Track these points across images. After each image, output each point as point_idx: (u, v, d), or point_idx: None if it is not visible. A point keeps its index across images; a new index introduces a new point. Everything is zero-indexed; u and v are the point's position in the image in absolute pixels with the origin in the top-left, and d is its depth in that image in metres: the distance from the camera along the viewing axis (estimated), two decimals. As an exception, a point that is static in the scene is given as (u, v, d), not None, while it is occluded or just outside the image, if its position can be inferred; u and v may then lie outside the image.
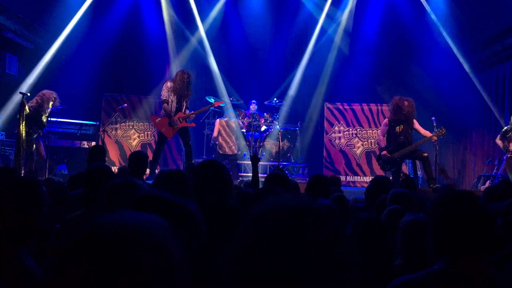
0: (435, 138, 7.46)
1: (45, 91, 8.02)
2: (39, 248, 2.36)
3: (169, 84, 7.68)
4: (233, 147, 9.45)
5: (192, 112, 8.04)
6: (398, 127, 7.61)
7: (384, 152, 7.72)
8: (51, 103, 7.94)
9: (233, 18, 11.61)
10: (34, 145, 7.80)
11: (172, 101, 7.65)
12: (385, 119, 8.02)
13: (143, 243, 0.81)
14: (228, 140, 9.40)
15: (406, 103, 7.58)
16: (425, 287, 1.59)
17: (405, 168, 9.39)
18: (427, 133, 7.61)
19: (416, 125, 7.66)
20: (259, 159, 4.55)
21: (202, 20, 11.28)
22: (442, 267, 1.60)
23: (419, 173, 9.09)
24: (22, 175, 6.59)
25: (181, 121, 7.70)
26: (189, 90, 7.76)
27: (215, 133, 9.61)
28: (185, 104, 7.77)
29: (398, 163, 7.80)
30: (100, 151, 5.51)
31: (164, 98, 7.63)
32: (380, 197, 3.51)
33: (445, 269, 1.59)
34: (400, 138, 7.60)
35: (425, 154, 7.52)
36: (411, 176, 8.77)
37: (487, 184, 8.31)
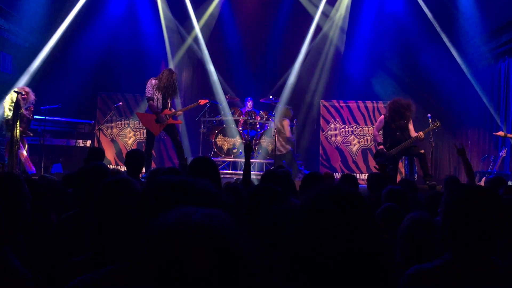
0: (421, 135, 7.46)
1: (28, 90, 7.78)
2: (32, 245, 2.35)
3: (153, 81, 7.64)
4: (281, 148, 9.57)
5: (180, 109, 8.06)
6: (394, 124, 7.64)
7: (381, 147, 7.74)
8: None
9: (229, 16, 11.59)
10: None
11: (158, 98, 7.63)
12: (381, 116, 8.05)
13: (232, 240, 0.81)
14: (282, 141, 9.50)
15: (405, 105, 7.58)
16: (441, 275, 1.63)
17: (401, 165, 9.41)
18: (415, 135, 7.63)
19: (410, 125, 7.69)
20: (252, 148, 4.45)
21: (198, 18, 11.25)
22: (455, 257, 1.65)
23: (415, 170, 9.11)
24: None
25: (168, 118, 7.69)
26: (175, 90, 7.76)
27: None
28: (169, 102, 7.77)
29: (395, 160, 7.82)
30: (99, 153, 5.50)
31: (149, 95, 7.60)
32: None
33: (456, 260, 1.64)
34: (396, 135, 7.63)
35: (422, 151, 7.55)
36: (407, 172, 8.79)
37: (483, 180, 8.34)
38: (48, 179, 3.66)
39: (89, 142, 9.57)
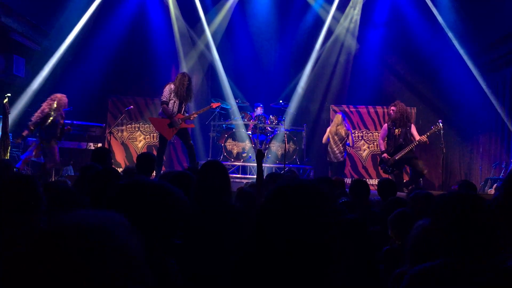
0: (424, 138, 7.68)
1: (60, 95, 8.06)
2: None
3: (172, 86, 7.75)
4: (339, 155, 9.24)
5: (193, 113, 8.12)
6: (397, 130, 7.99)
7: (385, 155, 8.04)
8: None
9: (240, 21, 11.63)
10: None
11: (174, 102, 7.70)
12: (385, 124, 8.38)
13: (106, 242, 0.80)
14: (335, 148, 9.25)
15: (392, 108, 8.07)
16: (442, 275, 1.65)
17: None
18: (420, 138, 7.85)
19: (413, 130, 7.94)
20: (264, 155, 4.45)
21: (209, 23, 11.30)
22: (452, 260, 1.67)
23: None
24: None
25: (181, 122, 7.75)
26: (189, 93, 7.82)
27: (324, 139, 9.52)
28: (184, 106, 7.84)
29: (399, 166, 8.00)
30: (104, 153, 5.51)
31: (164, 99, 7.69)
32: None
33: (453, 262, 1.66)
34: (399, 141, 7.95)
35: (425, 172, 7.81)
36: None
37: (494, 187, 8.27)
38: (60, 182, 3.70)
39: (100, 145, 9.64)
